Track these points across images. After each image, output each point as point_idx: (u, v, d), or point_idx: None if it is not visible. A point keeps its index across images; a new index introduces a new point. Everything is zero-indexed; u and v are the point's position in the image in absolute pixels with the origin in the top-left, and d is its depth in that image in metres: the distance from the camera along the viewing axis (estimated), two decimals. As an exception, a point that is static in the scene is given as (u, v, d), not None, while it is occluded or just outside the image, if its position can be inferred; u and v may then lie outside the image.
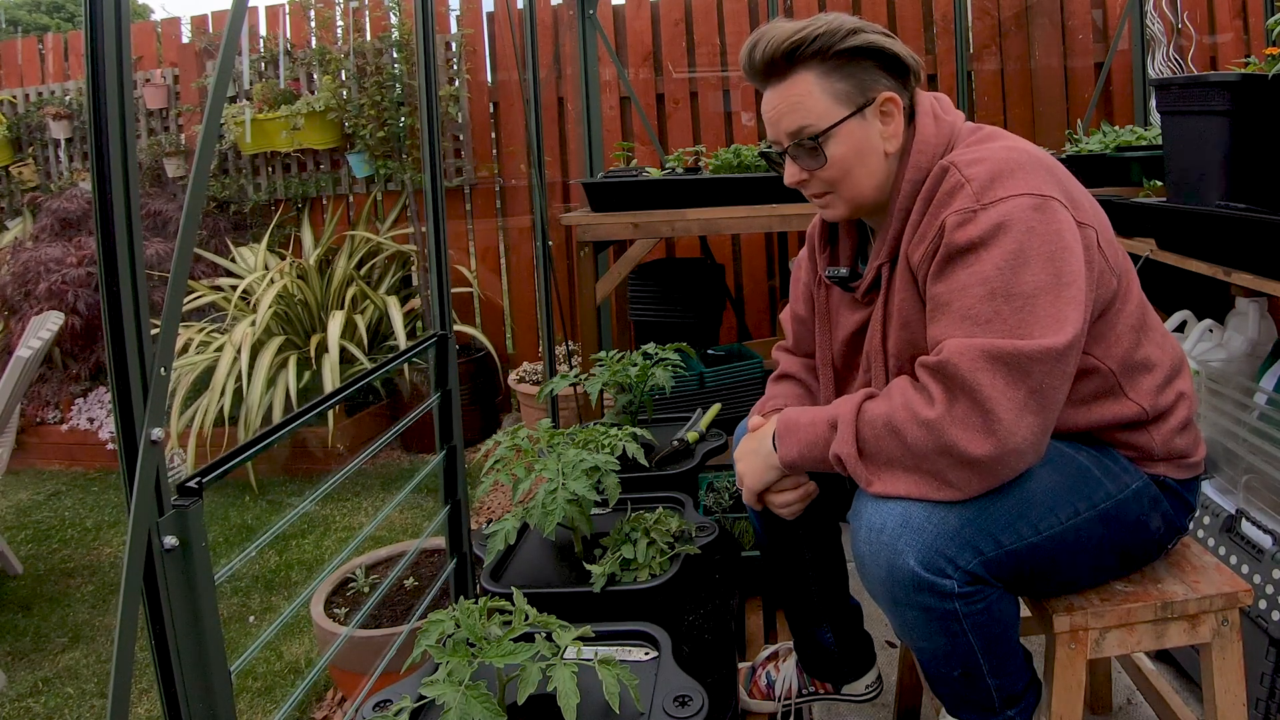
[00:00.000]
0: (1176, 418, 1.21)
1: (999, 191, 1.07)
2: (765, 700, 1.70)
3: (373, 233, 4.32)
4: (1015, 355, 1.01)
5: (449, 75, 4.24)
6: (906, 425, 1.06)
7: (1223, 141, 1.93)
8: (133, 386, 0.92)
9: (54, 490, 3.86)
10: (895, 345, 1.21)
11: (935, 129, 1.20)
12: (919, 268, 1.14)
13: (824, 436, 1.15)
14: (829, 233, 1.40)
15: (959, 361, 1.02)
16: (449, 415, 1.84)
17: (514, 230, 4.37)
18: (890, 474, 1.09)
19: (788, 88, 1.19)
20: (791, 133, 1.20)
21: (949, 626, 1.09)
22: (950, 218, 1.08)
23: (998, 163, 1.09)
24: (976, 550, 1.08)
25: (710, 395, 2.74)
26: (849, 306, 1.35)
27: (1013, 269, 1.04)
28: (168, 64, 4.64)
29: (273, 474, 3.78)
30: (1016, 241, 1.04)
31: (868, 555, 1.11)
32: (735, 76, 4.10)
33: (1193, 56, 3.61)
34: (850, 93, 1.18)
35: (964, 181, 1.09)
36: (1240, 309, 2.22)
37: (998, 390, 1.01)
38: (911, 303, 1.17)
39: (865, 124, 1.19)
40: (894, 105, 1.19)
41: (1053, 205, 1.07)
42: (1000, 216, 1.06)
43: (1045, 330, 1.02)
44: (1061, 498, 1.13)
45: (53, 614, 2.71)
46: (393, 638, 1.80)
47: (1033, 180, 1.08)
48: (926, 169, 1.17)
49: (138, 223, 0.92)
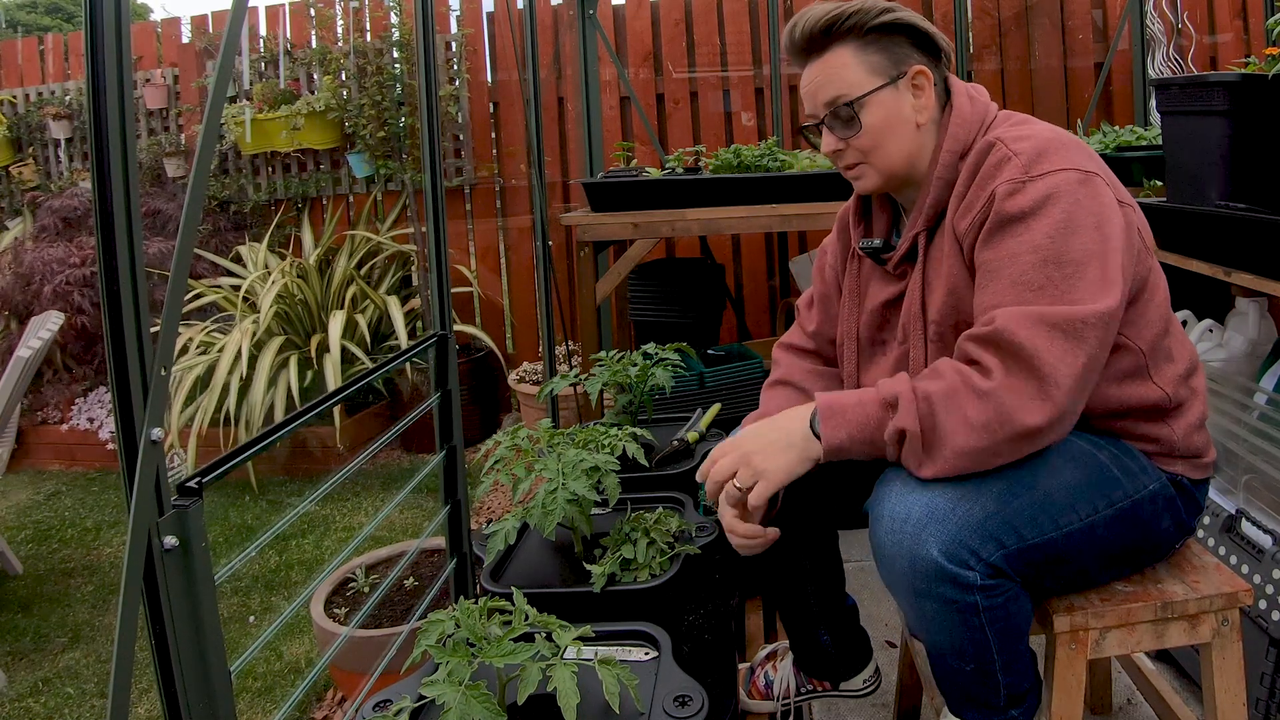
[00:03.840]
0: (1194, 413, 1.23)
1: (1046, 165, 1.12)
2: (764, 700, 1.70)
3: (373, 233, 4.32)
4: (1070, 320, 1.04)
5: (449, 75, 4.24)
6: (966, 398, 1.06)
7: (1223, 141, 1.93)
8: (133, 386, 0.92)
9: (54, 490, 3.86)
10: (938, 312, 1.22)
11: (971, 107, 1.25)
12: (965, 236, 1.17)
13: (877, 416, 1.12)
14: (863, 208, 1.43)
15: (1015, 329, 1.04)
16: (449, 415, 1.84)
17: (514, 230, 4.37)
18: (942, 455, 1.08)
19: (825, 61, 1.25)
20: (828, 102, 1.26)
21: (969, 619, 1.09)
22: (1000, 187, 1.12)
23: (1043, 140, 1.15)
24: (999, 543, 1.08)
25: (710, 395, 2.74)
26: (880, 280, 1.37)
27: (1063, 236, 1.08)
28: (168, 64, 4.65)
29: (273, 474, 3.78)
30: (1065, 211, 1.09)
31: (889, 545, 1.11)
32: (735, 76, 4.10)
33: (1193, 56, 3.61)
34: (884, 64, 1.24)
35: (1011, 155, 1.14)
36: (1240, 309, 2.22)
37: (1054, 355, 1.04)
38: (958, 270, 1.20)
39: (898, 95, 1.24)
40: (925, 79, 1.25)
41: (1096, 181, 1.12)
42: (1049, 188, 1.10)
43: (1095, 294, 1.06)
44: (1082, 495, 1.14)
45: (53, 614, 2.71)
46: (393, 638, 1.80)
47: (1077, 158, 1.13)
48: (964, 141, 1.22)
49: (138, 223, 0.92)
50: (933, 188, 1.23)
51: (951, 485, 1.10)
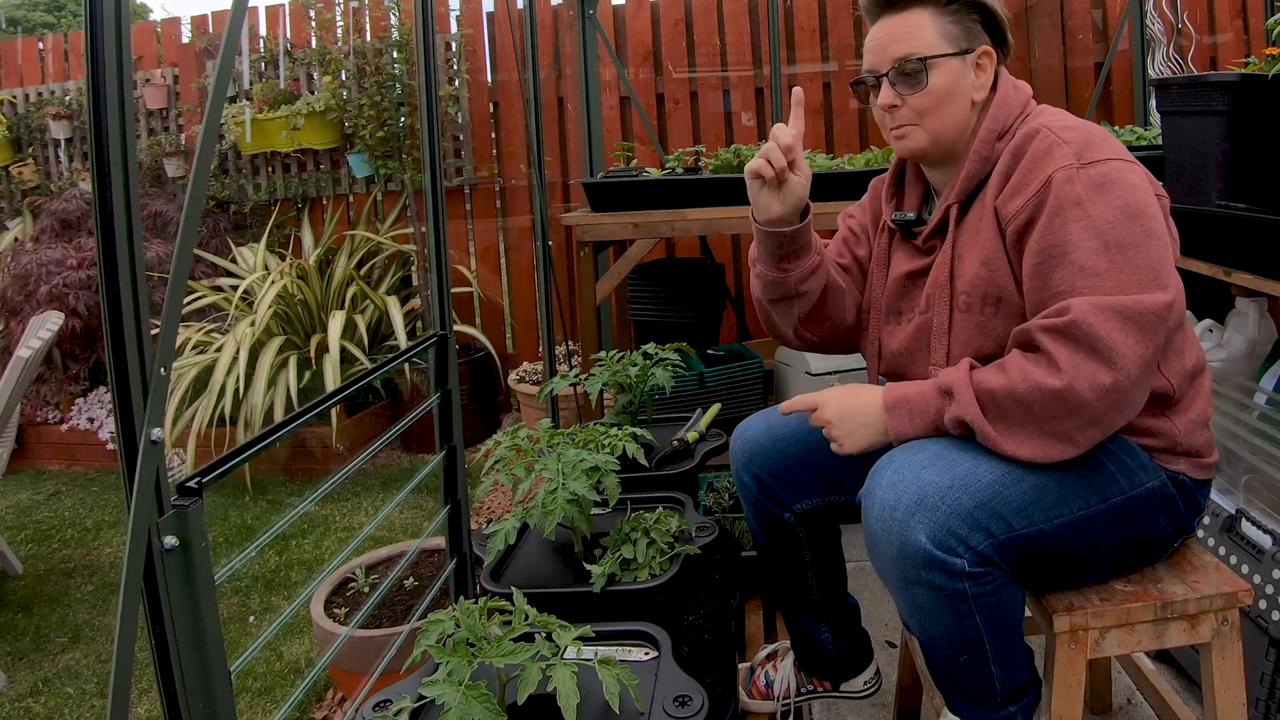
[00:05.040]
0: (1197, 410, 1.24)
1: (1097, 153, 1.15)
2: (764, 700, 1.70)
3: (373, 233, 4.32)
4: (1144, 312, 1.08)
5: (449, 75, 4.24)
6: (1031, 396, 1.10)
7: (1223, 141, 1.93)
8: (133, 386, 0.92)
9: (54, 490, 3.86)
10: (969, 282, 1.25)
11: (1015, 93, 1.30)
12: (1013, 219, 1.19)
13: (936, 405, 1.19)
14: (897, 182, 1.46)
15: (1094, 321, 1.07)
16: (449, 415, 1.84)
17: (514, 230, 4.36)
18: (1017, 435, 1.13)
19: (903, 19, 1.28)
20: (899, 57, 1.28)
21: (958, 607, 1.11)
22: (1059, 174, 1.15)
23: (1088, 130, 1.19)
24: (988, 532, 1.10)
25: (710, 395, 2.74)
26: (905, 253, 1.40)
27: (1122, 221, 1.11)
28: (168, 64, 4.64)
29: (273, 474, 3.78)
30: (1122, 197, 1.12)
31: (880, 533, 1.13)
32: (735, 76, 4.10)
33: (1193, 56, 3.61)
34: (958, 36, 1.28)
35: (1061, 142, 1.17)
36: (1240, 309, 2.22)
37: (1129, 348, 1.07)
38: (994, 244, 1.23)
39: (964, 67, 1.28)
40: (989, 60, 1.29)
41: (1141, 170, 1.17)
42: (1105, 174, 1.14)
43: (1157, 282, 1.10)
44: (1074, 489, 1.15)
45: (53, 614, 2.71)
46: (393, 638, 1.80)
47: (1120, 149, 1.18)
48: (1005, 123, 1.26)
49: (138, 223, 0.92)
50: (968, 163, 1.27)
51: (944, 474, 1.12)
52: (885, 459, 1.19)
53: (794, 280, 1.40)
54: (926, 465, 1.13)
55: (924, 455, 1.16)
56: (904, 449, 1.19)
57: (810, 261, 1.40)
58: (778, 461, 1.50)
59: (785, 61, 3.98)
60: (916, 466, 1.14)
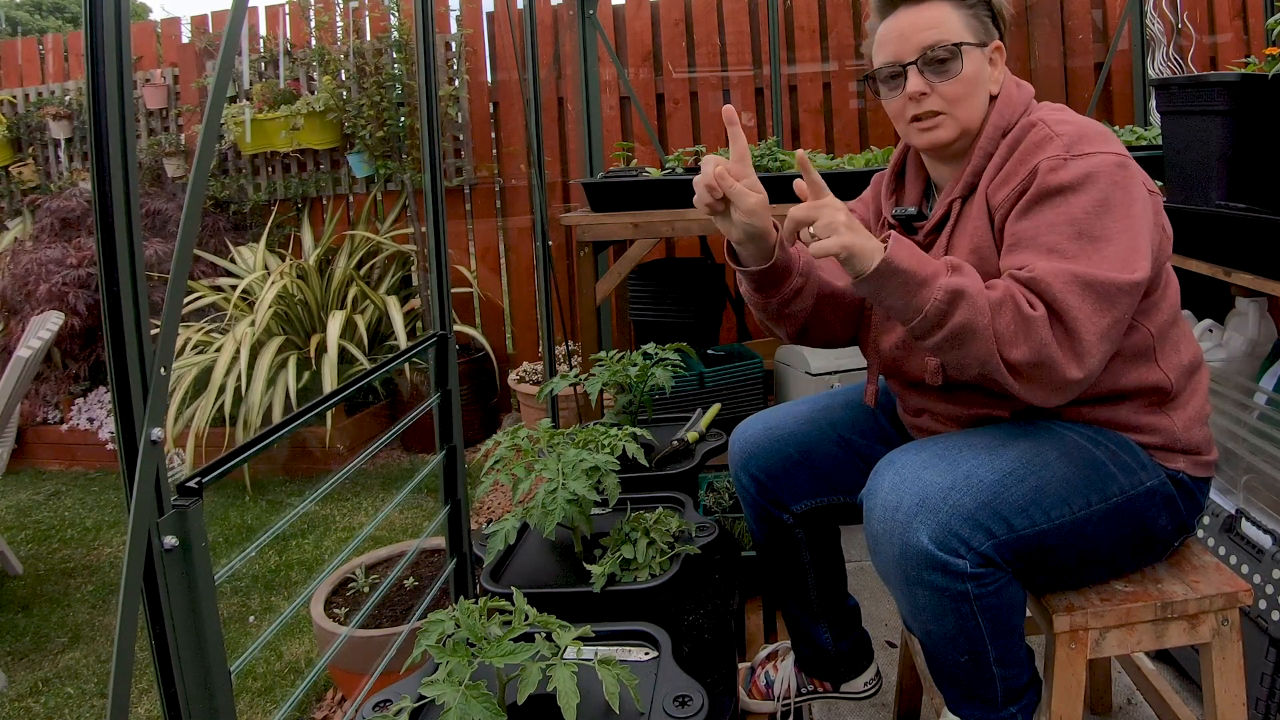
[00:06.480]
0: (1194, 406, 1.25)
1: (1086, 147, 1.16)
2: (764, 700, 1.70)
3: (373, 233, 4.32)
4: (1103, 283, 1.07)
5: (449, 75, 4.24)
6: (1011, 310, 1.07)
7: (1223, 141, 1.93)
8: (133, 386, 0.92)
9: (54, 490, 3.86)
10: None
11: (1018, 91, 1.32)
12: (1000, 205, 1.20)
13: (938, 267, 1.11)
14: (897, 177, 1.46)
15: (1051, 281, 1.07)
16: (449, 415, 1.84)
17: (514, 230, 4.36)
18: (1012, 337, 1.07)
19: (925, 9, 1.28)
20: (928, 44, 1.26)
21: (960, 608, 1.11)
22: (1044, 163, 1.16)
23: (1082, 125, 1.20)
24: (989, 533, 1.10)
25: (710, 395, 2.74)
26: None
27: (1098, 213, 1.11)
28: (168, 64, 4.64)
29: (272, 474, 3.78)
30: (1102, 191, 1.13)
31: (882, 534, 1.13)
32: (735, 76, 4.10)
33: (1193, 56, 3.61)
34: (978, 29, 1.29)
35: (1053, 135, 1.18)
36: (1240, 309, 2.22)
37: (1084, 314, 1.06)
38: (984, 233, 1.24)
39: (984, 59, 1.29)
40: (1000, 55, 1.32)
41: (1131, 166, 1.18)
42: (1089, 167, 1.14)
43: (1125, 267, 1.09)
44: (1075, 488, 1.16)
45: (53, 614, 2.71)
46: (393, 638, 1.80)
47: (1113, 145, 1.18)
48: (1009, 119, 1.27)
49: (138, 223, 0.92)
50: (974, 158, 1.27)
51: (945, 475, 1.12)
52: (886, 460, 1.19)
53: (776, 305, 1.36)
54: (928, 466, 1.13)
55: (925, 456, 1.16)
56: (904, 449, 1.20)
57: (791, 286, 1.34)
58: (776, 462, 1.50)
59: (785, 61, 3.98)
60: (918, 467, 1.14)
